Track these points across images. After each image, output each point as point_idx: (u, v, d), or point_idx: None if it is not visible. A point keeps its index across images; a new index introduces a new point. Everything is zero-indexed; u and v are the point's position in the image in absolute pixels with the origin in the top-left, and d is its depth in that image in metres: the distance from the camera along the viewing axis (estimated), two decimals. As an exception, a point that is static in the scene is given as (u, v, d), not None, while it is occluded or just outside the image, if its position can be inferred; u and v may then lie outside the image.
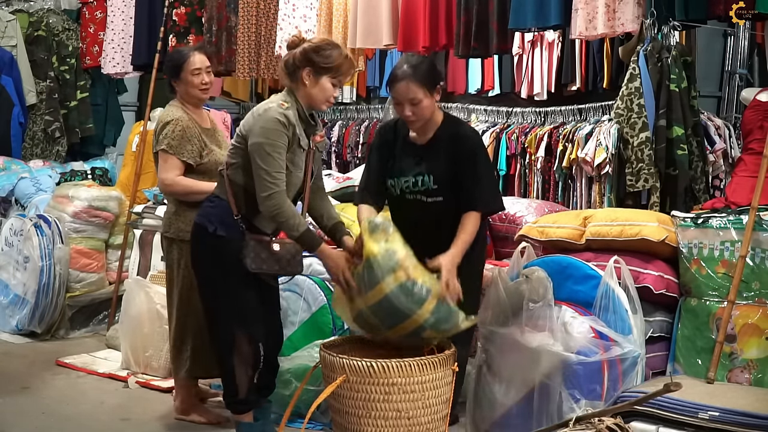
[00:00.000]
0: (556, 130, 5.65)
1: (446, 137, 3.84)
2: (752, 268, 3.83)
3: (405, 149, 3.89)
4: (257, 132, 3.54)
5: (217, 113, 6.99)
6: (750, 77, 6.77)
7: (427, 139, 3.86)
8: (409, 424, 3.35)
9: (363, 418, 3.37)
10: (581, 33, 4.87)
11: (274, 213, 3.52)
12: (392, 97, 3.78)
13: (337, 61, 3.61)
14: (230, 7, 6.37)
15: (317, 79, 3.61)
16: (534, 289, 3.81)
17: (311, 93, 3.63)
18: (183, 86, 4.41)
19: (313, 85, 3.62)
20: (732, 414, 3.22)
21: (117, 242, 6.27)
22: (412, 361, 3.33)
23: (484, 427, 3.86)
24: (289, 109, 3.58)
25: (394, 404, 3.33)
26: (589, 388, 3.60)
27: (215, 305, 3.72)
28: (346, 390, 3.38)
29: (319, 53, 3.59)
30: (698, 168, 4.83)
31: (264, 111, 3.57)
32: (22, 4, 7.66)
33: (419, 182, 3.82)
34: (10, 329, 5.96)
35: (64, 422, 4.33)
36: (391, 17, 5.77)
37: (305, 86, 3.63)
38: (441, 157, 3.82)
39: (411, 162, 3.85)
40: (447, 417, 3.47)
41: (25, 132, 7.42)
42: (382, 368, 3.31)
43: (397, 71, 3.74)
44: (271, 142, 3.51)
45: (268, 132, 3.52)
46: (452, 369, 3.45)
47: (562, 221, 4.29)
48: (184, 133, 4.23)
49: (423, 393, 3.34)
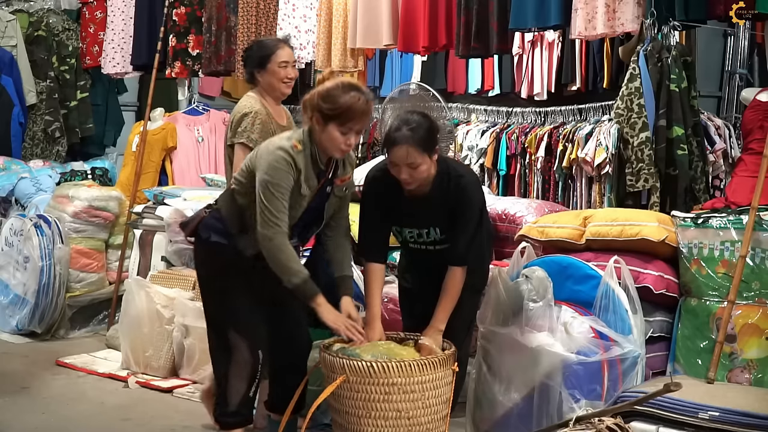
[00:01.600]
0: (556, 130, 5.65)
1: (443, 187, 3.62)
2: (752, 268, 3.83)
3: (403, 202, 3.65)
4: (265, 167, 3.36)
5: (217, 113, 7.00)
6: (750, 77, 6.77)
7: (425, 191, 3.62)
8: (409, 424, 3.35)
9: (363, 418, 3.37)
10: (581, 33, 4.87)
11: (272, 254, 3.36)
12: (389, 159, 3.52)
13: (343, 106, 3.32)
14: (230, 7, 6.37)
15: (324, 126, 3.37)
16: (534, 289, 3.81)
17: (321, 139, 3.41)
18: (267, 77, 4.21)
19: (321, 132, 3.39)
20: (732, 414, 3.21)
21: (117, 242, 6.27)
22: (412, 361, 3.33)
23: (484, 427, 3.86)
24: (301, 152, 3.39)
25: (394, 404, 3.32)
26: (589, 388, 3.60)
27: (211, 311, 3.62)
28: (346, 390, 3.37)
29: (326, 98, 3.35)
30: (698, 168, 4.83)
31: (276, 148, 3.38)
32: (22, 4, 7.66)
33: (424, 235, 3.67)
34: (10, 329, 5.96)
35: (64, 422, 4.33)
36: (391, 17, 5.77)
37: (316, 131, 3.42)
38: (441, 209, 3.63)
39: (413, 215, 3.67)
40: (447, 417, 3.46)
41: (25, 132, 7.42)
42: (382, 368, 3.30)
43: (396, 134, 3.48)
44: (276, 182, 3.34)
45: (274, 171, 3.34)
46: (452, 369, 3.45)
47: (562, 221, 4.29)
48: (263, 127, 4.13)
49: (423, 393, 3.33)
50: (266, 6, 6.28)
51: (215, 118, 6.93)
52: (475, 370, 3.94)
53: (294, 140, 3.42)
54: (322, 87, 3.39)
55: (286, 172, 3.35)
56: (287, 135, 3.51)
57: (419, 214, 3.65)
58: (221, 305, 3.56)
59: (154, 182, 6.62)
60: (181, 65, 6.63)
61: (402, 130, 3.48)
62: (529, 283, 3.83)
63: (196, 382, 4.85)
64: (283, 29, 6.12)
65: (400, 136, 3.47)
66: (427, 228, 3.65)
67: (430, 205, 3.63)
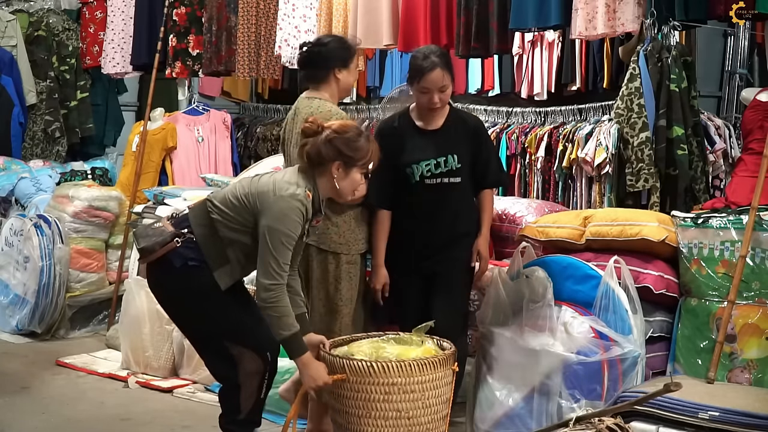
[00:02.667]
0: (556, 130, 5.65)
1: (457, 120, 4.05)
2: (752, 268, 3.83)
3: (418, 137, 4.00)
4: (277, 215, 3.27)
5: (217, 113, 7.00)
6: (750, 77, 6.77)
7: (439, 124, 4.02)
8: (409, 424, 3.35)
9: (363, 418, 3.37)
10: (581, 33, 4.87)
11: (270, 305, 3.27)
12: (420, 86, 3.88)
13: (368, 151, 3.41)
14: (230, 7, 6.37)
15: (347, 172, 3.38)
16: (534, 289, 3.82)
17: (340, 186, 3.40)
18: (348, 78, 4.05)
19: (343, 178, 3.39)
20: (732, 414, 3.22)
21: (117, 242, 6.27)
22: (412, 361, 3.33)
23: (484, 427, 3.86)
24: (310, 200, 3.35)
25: (394, 404, 3.32)
26: (589, 388, 3.60)
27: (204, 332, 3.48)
28: (346, 390, 3.37)
29: (350, 146, 3.36)
30: (698, 168, 4.83)
31: (289, 195, 3.29)
32: (22, 4, 7.66)
33: (442, 164, 3.95)
34: (10, 329, 5.96)
35: (64, 422, 4.33)
36: (392, 17, 5.77)
37: (333, 179, 3.39)
38: (459, 138, 4.01)
39: (430, 147, 3.97)
40: (447, 417, 3.46)
41: (25, 132, 7.41)
42: (382, 368, 3.31)
43: (425, 62, 3.87)
44: (288, 233, 3.27)
45: (289, 222, 3.28)
46: (452, 369, 3.45)
47: (562, 221, 4.29)
48: None
49: (423, 393, 3.33)
50: (266, 6, 6.28)
51: (215, 118, 6.92)
52: (475, 370, 3.94)
53: (305, 188, 3.34)
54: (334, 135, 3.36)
55: (299, 223, 3.31)
56: (292, 179, 3.36)
57: (438, 143, 3.97)
58: (213, 322, 3.43)
59: (154, 182, 6.62)
60: (181, 65, 6.63)
61: (431, 57, 3.89)
62: (529, 283, 3.84)
63: (196, 382, 4.85)
64: (283, 29, 6.12)
65: (431, 63, 3.87)
66: (445, 156, 3.95)
67: (448, 133, 4.00)
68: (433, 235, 3.98)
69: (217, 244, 3.38)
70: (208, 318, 3.44)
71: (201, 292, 3.40)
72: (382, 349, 3.45)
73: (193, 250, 3.38)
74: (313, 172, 3.40)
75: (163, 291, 3.53)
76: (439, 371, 3.37)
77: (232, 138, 6.97)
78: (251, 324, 3.47)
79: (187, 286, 3.42)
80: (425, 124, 4.01)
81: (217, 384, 4.27)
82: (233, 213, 3.38)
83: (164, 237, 3.41)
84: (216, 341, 3.44)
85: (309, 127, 3.41)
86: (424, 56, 3.90)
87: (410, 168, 3.96)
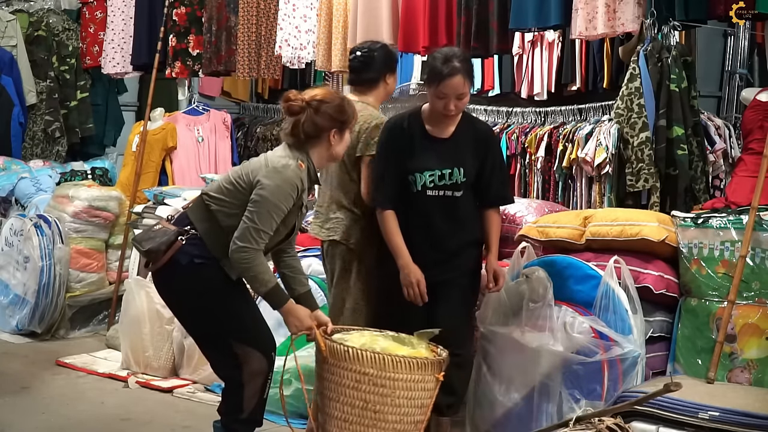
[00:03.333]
0: (556, 130, 5.65)
1: (468, 128, 3.82)
2: (752, 268, 3.83)
3: (426, 144, 3.78)
4: (269, 188, 3.33)
5: (217, 113, 7.01)
6: (750, 77, 6.76)
7: (450, 132, 3.79)
8: (375, 418, 3.30)
9: (333, 401, 3.36)
10: (581, 33, 4.87)
11: (244, 266, 3.32)
12: (438, 91, 3.64)
13: (354, 112, 3.55)
14: (230, 7, 6.37)
15: (342, 135, 3.52)
16: (534, 289, 3.82)
17: (336, 151, 3.53)
18: (392, 84, 4.11)
19: (338, 143, 3.52)
20: (732, 414, 3.22)
21: (117, 242, 6.27)
22: (387, 355, 3.29)
23: (484, 427, 3.86)
24: (304, 171, 3.43)
25: (362, 394, 3.29)
26: (589, 388, 3.60)
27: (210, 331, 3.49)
28: (324, 371, 3.39)
29: (341, 111, 3.48)
30: (698, 168, 4.83)
31: (282, 167, 3.37)
32: (22, 4, 7.66)
33: (447, 176, 3.74)
34: (10, 329, 5.96)
35: (64, 422, 4.33)
36: (391, 17, 5.77)
37: (330, 145, 3.50)
38: (468, 150, 3.78)
39: (436, 156, 3.76)
40: (421, 424, 3.38)
41: (25, 132, 7.41)
42: (356, 355, 3.28)
43: (445, 66, 3.62)
44: (277, 204, 3.33)
45: (280, 193, 3.34)
46: (435, 376, 3.35)
47: (562, 221, 4.29)
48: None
49: (393, 390, 3.28)
50: (266, 6, 6.28)
51: (215, 118, 6.93)
52: (475, 370, 3.94)
53: (298, 160, 3.41)
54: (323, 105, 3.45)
55: (291, 194, 3.35)
56: (284, 154, 3.44)
57: (445, 153, 3.75)
58: (218, 320, 3.45)
59: (154, 182, 6.62)
60: (181, 65, 6.63)
61: (453, 62, 3.63)
62: (529, 283, 3.84)
63: (196, 382, 4.85)
64: (283, 29, 6.12)
65: (453, 68, 3.62)
66: (451, 168, 3.73)
67: (457, 144, 3.77)
68: (436, 245, 3.77)
69: (220, 235, 3.40)
70: (214, 316, 3.45)
71: (207, 289, 3.43)
72: (375, 342, 3.42)
73: (198, 247, 3.40)
74: (307, 144, 3.47)
75: (170, 290, 3.54)
76: (415, 374, 3.30)
77: (232, 138, 6.98)
78: (256, 324, 3.50)
79: (193, 284, 3.44)
80: (435, 130, 3.78)
81: (217, 384, 4.30)
82: (230, 198, 3.42)
83: (168, 236, 3.42)
84: (222, 340, 3.46)
85: (294, 104, 3.47)
86: (445, 59, 3.64)
87: (413, 176, 3.75)
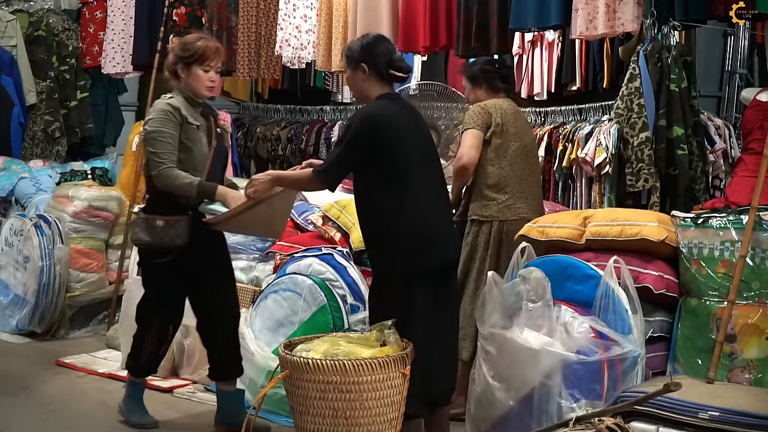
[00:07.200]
0: (556, 130, 5.65)
1: None
2: (752, 268, 3.83)
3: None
4: (149, 122, 4.03)
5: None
6: (750, 77, 6.77)
7: None
8: (348, 424, 3.29)
9: (303, 415, 3.35)
10: (581, 33, 4.87)
11: (168, 184, 3.94)
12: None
13: (200, 49, 4.06)
14: (230, 7, 6.37)
15: (189, 71, 4.07)
16: (533, 289, 3.81)
17: (189, 84, 4.08)
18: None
19: (188, 77, 4.08)
20: (732, 414, 3.21)
21: (117, 242, 6.27)
22: (347, 360, 3.28)
23: (484, 427, 3.86)
24: (173, 98, 4.07)
25: (330, 403, 3.28)
26: (589, 388, 3.60)
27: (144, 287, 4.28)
28: (290, 386, 3.38)
29: (184, 49, 4.08)
30: (698, 168, 4.83)
31: (155, 105, 4.10)
32: (22, 4, 7.66)
33: None
34: (10, 329, 5.96)
35: (64, 422, 4.33)
36: (391, 17, 5.77)
37: (184, 78, 4.09)
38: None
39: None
40: (396, 421, 3.37)
41: (25, 132, 7.41)
42: (317, 366, 3.27)
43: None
44: (157, 128, 3.98)
45: (154, 121, 4.00)
46: (401, 372, 3.35)
47: (562, 221, 4.29)
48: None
49: (360, 394, 3.26)
50: (266, 6, 6.28)
51: (215, 118, 6.92)
52: (475, 370, 3.94)
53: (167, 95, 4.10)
54: (174, 45, 4.19)
55: (166, 118, 3.99)
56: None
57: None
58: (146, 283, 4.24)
59: (154, 182, 6.61)
60: (181, 65, 6.62)
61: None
62: (527, 284, 3.83)
63: (196, 382, 4.85)
64: (284, 29, 6.12)
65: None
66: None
67: None
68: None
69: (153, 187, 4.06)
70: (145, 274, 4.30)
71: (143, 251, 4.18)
72: (337, 347, 3.40)
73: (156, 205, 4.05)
74: (177, 83, 4.13)
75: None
76: (379, 373, 3.29)
77: (232, 138, 6.97)
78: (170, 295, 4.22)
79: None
80: None
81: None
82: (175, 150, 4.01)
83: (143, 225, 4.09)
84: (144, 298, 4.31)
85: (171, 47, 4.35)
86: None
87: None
